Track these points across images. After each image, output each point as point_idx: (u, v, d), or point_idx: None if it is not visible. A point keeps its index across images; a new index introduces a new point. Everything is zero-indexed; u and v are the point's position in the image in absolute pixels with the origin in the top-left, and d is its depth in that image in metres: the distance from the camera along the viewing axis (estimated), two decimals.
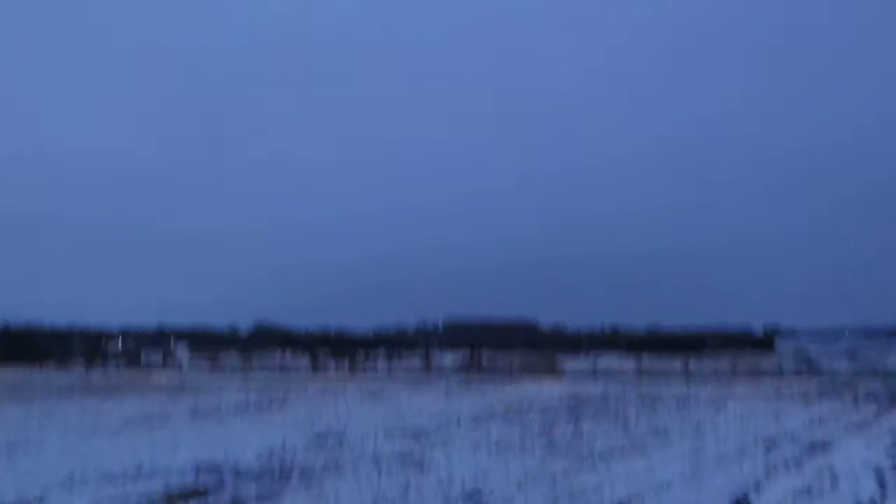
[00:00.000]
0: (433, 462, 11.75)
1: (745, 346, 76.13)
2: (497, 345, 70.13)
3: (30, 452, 13.09)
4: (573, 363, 51.67)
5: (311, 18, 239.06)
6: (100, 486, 9.90)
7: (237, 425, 17.42)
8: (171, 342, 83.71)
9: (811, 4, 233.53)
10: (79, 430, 16.54)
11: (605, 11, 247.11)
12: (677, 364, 46.65)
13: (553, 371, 43.96)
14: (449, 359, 57.94)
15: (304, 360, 59.02)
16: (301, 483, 10.12)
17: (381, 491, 9.44)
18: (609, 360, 55.57)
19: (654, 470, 10.86)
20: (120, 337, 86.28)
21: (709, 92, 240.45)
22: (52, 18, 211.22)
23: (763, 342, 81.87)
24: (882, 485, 9.63)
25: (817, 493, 9.17)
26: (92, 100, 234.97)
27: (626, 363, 50.72)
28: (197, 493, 9.47)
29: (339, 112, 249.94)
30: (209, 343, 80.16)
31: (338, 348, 69.90)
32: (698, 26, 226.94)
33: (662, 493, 9.15)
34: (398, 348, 73.77)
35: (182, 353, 73.72)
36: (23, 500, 9.00)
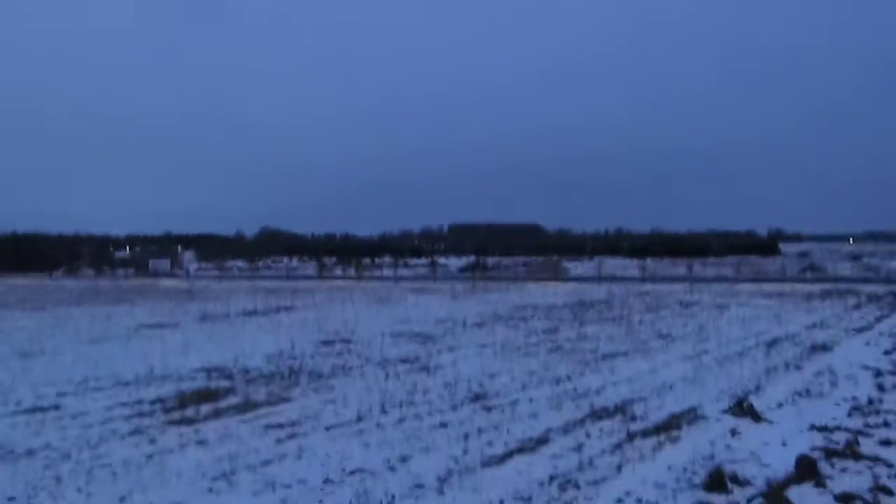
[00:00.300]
0: (439, 365, 11.95)
1: (750, 249, 76.46)
2: (502, 249, 70.55)
3: (43, 359, 13.37)
4: (577, 267, 52.05)
5: None
6: (113, 391, 10.13)
7: (246, 330, 17.72)
8: (178, 249, 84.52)
9: None
10: (90, 336, 16.87)
11: None
12: (681, 267, 46.94)
13: (557, 275, 44.31)
14: (454, 263, 58.41)
15: (311, 266, 59.58)
16: (310, 385, 10.33)
17: (389, 392, 9.62)
18: (613, 264, 55.95)
19: (657, 372, 11.03)
20: (127, 245, 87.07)
21: None
22: None
23: (767, 246, 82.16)
24: (880, 387, 9.76)
25: (816, 394, 9.30)
26: None
27: (630, 267, 51.04)
28: (209, 395, 9.68)
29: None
30: (216, 249, 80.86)
31: (344, 253, 70.45)
32: None
33: (665, 394, 9.30)
34: (404, 253, 74.36)
35: (189, 259, 74.51)
36: (39, 406, 9.21)
